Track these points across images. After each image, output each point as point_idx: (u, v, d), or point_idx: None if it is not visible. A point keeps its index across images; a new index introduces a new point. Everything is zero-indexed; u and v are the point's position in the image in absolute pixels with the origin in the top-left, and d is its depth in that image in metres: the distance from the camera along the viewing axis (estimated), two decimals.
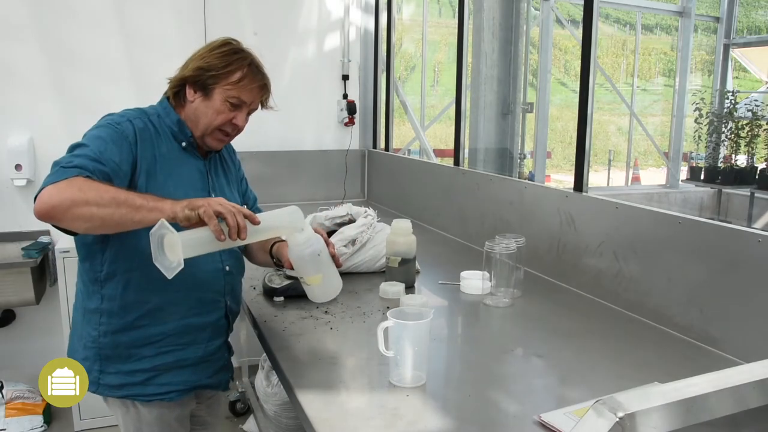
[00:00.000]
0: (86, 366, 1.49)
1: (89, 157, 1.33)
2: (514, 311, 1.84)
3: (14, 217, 3.11)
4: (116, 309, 1.48)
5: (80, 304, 1.55)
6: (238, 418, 3.12)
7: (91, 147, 1.36)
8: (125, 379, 1.50)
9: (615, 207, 1.89)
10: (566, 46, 13.50)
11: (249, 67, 1.53)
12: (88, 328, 1.51)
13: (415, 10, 7.67)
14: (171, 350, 1.52)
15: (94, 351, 1.50)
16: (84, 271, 1.51)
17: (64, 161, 1.32)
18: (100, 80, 3.19)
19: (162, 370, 1.52)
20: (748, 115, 5.86)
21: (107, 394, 1.53)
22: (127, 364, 1.50)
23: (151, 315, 1.49)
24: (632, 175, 8.30)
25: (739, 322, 1.50)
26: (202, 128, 1.54)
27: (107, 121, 1.47)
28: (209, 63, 1.50)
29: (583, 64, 2.02)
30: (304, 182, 3.63)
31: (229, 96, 1.51)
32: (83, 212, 1.24)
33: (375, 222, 2.16)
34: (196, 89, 1.53)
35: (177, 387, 1.55)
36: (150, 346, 1.50)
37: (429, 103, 6.87)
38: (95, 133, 1.42)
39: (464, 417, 1.21)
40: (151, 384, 1.52)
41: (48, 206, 1.23)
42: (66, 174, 1.26)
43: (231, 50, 1.53)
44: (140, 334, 1.49)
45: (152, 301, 1.48)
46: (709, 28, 8.10)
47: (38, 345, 3.14)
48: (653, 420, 0.60)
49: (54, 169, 1.29)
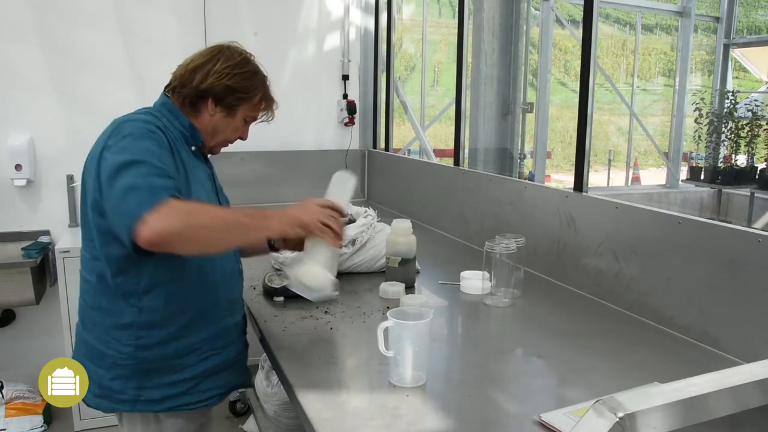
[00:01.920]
0: (117, 386, 1.44)
1: (163, 174, 1.29)
2: (514, 311, 1.84)
3: (14, 217, 3.12)
4: (158, 320, 1.43)
5: (102, 322, 1.45)
6: (238, 418, 3.11)
7: (152, 162, 1.29)
8: (167, 391, 1.46)
9: (615, 207, 1.89)
10: (566, 46, 13.50)
11: (266, 89, 1.59)
12: (118, 345, 1.43)
13: (415, 10, 7.67)
14: (211, 355, 1.51)
15: (129, 368, 1.43)
16: (116, 285, 1.41)
17: (143, 184, 1.24)
18: (100, 80, 3.19)
19: (204, 376, 1.51)
20: (748, 115, 5.87)
21: (147, 410, 1.46)
22: (168, 376, 1.46)
23: (193, 323, 1.47)
24: (632, 175, 8.30)
25: (739, 322, 1.50)
26: (217, 140, 1.59)
27: (141, 130, 1.37)
28: (238, 84, 1.52)
29: (583, 64, 2.02)
30: (304, 182, 3.63)
31: (248, 116, 1.58)
32: (197, 236, 1.26)
33: (375, 222, 2.16)
34: (218, 104, 1.53)
35: (218, 391, 1.55)
36: (192, 355, 1.48)
37: (429, 103, 6.86)
38: (143, 146, 1.32)
39: (464, 417, 1.21)
40: (194, 392, 1.49)
41: (162, 235, 1.20)
42: (158, 197, 1.21)
43: (253, 71, 1.57)
44: (183, 344, 1.46)
45: (194, 309, 1.47)
46: (709, 28, 8.10)
47: (38, 345, 3.14)
48: (653, 420, 0.60)
49: (133, 195, 1.23)
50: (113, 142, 1.34)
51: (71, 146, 3.16)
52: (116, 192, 1.25)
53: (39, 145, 3.11)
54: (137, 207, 1.20)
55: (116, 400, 1.45)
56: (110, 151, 1.32)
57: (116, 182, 1.26)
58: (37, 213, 3.16)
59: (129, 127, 1.37)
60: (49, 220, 3.17)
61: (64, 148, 3.16)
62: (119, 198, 1.24)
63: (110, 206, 1.29)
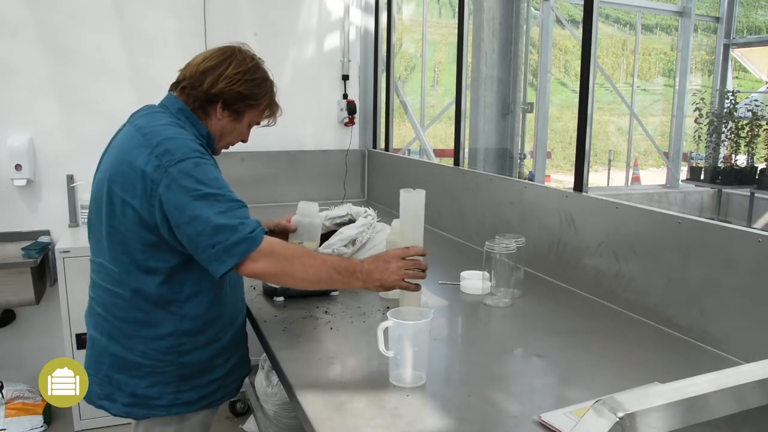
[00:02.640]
0: (154, 393, 1.48)
1: (242, 205, 1.40)
2: (514, 311, 1.84)
3: (14, 217, 3.12)
4: (199, 327, 1.50)
5: (138, 334, 1.47)
6: (238, 418, 3.11)
7: (225, 196, 1.38)
8: (202, 391, 1.55)
9: (615, 207, 1.89)
10: (566, 46, 13.51)
11: (272, 96, 1.63)
12: (158, 354, 1.47)
13: (415, 10, 7.67)
14: (234, 353, 1.63)
15: (168, 374, 1.48)
16: (159, 294, 1.44)
17: (234, 222, 1.34)
18: (100, 80, 3.19)
19: (229, 373, 1.62)
20: (748, 115, 5.87)
21: (183, 411, 1.53)
22: (202, 378, 1.54)
23: (225, 326, 1.57)
24: (632, 175, 8.30)
25: (739, 322, 1.50)
26: (223, 143, 1.63)
27: (195, 154, 1.40)
28: (248, 91, 1.54)
29: (583, 64, 2.02)
30: (304, 182, 3.63)
31: (253, 121, 1.64)
32: (288, 282, 1.46)
33: (375, 222, 2.16)
34: (227, 108, 1.55)
35: (237, 383, 1.67)
36: (222, 355, 1.58)
37: (429, 103, 6.87)
38: (208, 175, 1.38)
39: (464, 417, 1.21)
40: (222, 387, 1.60)
41: (265, 275, 1.42)
42: (258, 237, 1.35)
43: (263, 78, 1.59)
44: (218, 346, 1.56)
45: (226, 313, 1.57)
46: (709, 28, 8.10)
47: (38, 345, 3.14)
48: (653, 420, 0.60)
49: (230, 234, 1.33)
50: (164, 161, 1.36)
51: (71, 146, 3.16)
52: (203, 227, 1.32)
53: (39, 145, 3.11)
54: (241, 248, 1.33)
55: (152, 406, 1.49)
56: (169, 175, 1.35)
57: (198, 214, 1.33)
58: (37, 213, 3.16)
59: (179, 149, 1.39)
60: (49, 220, 3.17)
61: (64, 148, 3.16)
62: (210, 235, 1.32)
63: (193, 235, 1.34)
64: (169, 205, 1.34)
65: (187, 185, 1.34)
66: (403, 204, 1.61)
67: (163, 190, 1.35)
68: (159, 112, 1.53)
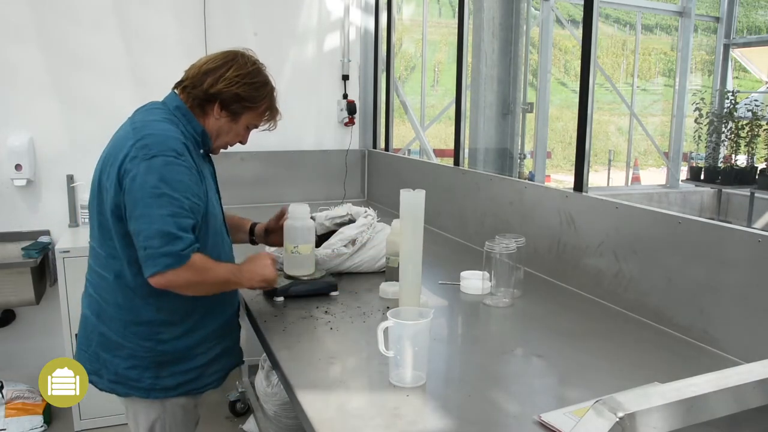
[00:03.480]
0: (134, 375, 1.56)
1: (189, 215, 1.45)
2: (514, 311, 1.84)
3: (14, 217, 3.12)
4: (177, 319, 1.57)
5: (119, 317, 1.55)
6: (238, 418, 3.11)
7: (180, 202, 1.43)
8: (181, 378, 1.60)
9: (615, 207, 1.89)
10: (566, 46, 13.50)
11: (272, 100, 1.67)
12: (137, 339, 1.55)
13: (415, 10, 7.67)
14: (217, 343, 1.67)
15: (147, 360, 1.56)
16: (138, 285, 1.50)
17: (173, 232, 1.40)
18: (100, 80, 3.19)
19: (210, 363, 1.66)
20: (748, 115, 5.86)
21: (162, 396, 1.60)
22: (182, 365, 1.60)
23: (204, 317, 1.62)
24: (632, 175, 8.30)
25: (739, 322, 1.50)
26: (219, 143, 1.67)
27: (171, 153, 1.45)
28: (246, 93, 1.59)
29: (583, 64, 2.02)
30: (304, 182, 3.63)
31: (251, 123, 1.68)
32: (196, 290, 1.51)
33: (375, 222, 2.16)
34: (224, 109, 1.60)
35: (220, 374, 1.71)
36: (202, 346, 1.63)
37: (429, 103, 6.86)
38: (174, 176, 1.44)
39: (464, 417, 1.21)
40: (202, 377, 1.65)
41: (173, 287, 1.45)
42: (186, 257, 1.42)
43: (263, 82, 1.64)
44: (196, 337, 1.61)
45: (204, 306, 1.61)
46: (709, 28, 8.10)
47: (38, 345, 3.14)
48: (653, 420, 0.60)
49: (163, 243, 1.39)
50: (140, 154, 1.43)
51: (71, 146, 3.16)
52: (146, 226, 1.40)
53: (39, 145, 3.11)
54: (166, 261, 1.40)
55: (132, 387, 1.58)
56: (138, 167, 1.42)
57: (146, 212, 1.40)
58: (37, 213, 3.16)
59: (157, 144, 1.45)
60: (49, 220, 3.17)
61: (64, 148, 3.16)
62: (148, 237, 1.40)
63: (136, 231, 1.43)
64: (128, 195, 1.42)
65: (149, 180, 1.41)
66: (403, 204, 1.61)
67: (129, 180, 1.42)
68: (157, 108, 1.60)
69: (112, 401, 1.68)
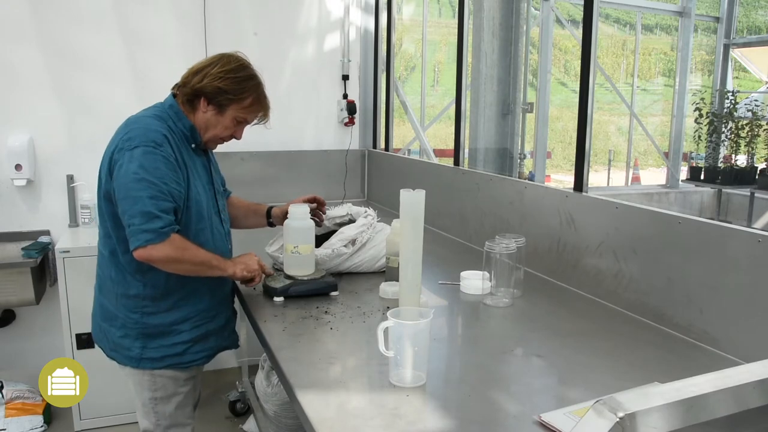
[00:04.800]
0: (126, 343, 1.73)
1: (165, 200, 1.59)
2: (514, 311, 1.84)
3: (14, 217, 3.12)
4: (159, 294, 1.71)
5: (113, 290, 1.74)
6: (238, 418, 3.11)
7: (158, 186, 1.58)
8: (166, 351, 1.74)
9: (615, 207, 1.89)
10: (566, 46, 13.50)
11: (259, 94, 1.76)
12: (126, 311, 1.72)
13: (415, 10, 7.67)
14: (202, 323, 1.79)
15: (136, 330, 1.72)
16: (126, 262, 1.68)
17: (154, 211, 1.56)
18: (100, 80, 3.19)
19: (196, 341, 1.78)
20: (748, 115, 5.86)
21: (149, 367, 1.74)
22: (167, 339, 1.74)
23: (188, 296, 1.75)
24: (632, 175, 8.29)
25: (739, 322, 1.50)
26: (208, 136, 1.77)
27: (150, 143, 1.61)
28: (228, 87, 1.70)
29: (583, 64, 2.02)
30: (304, 182, 3.63)
31: (239, 116, 1.76)
32: (177, 268, 1.64)
33: (375, 222, 2.16)
34: (210, 103, 1.73)
35: (207, 353, 1.83)
36: (187, 323, 1.76)
37: (429, 103, 6.86)
38: (152, 164, 1.59)
39: (464, 417, 1.21)
40: (187, 353, 1.77)
41: (153, 260, 1.59)
42: (164, 234, 1.57)
43: (247, 76, 1.74)
44: (180, 314, 1.74)
45: (190, 285, 1.74)
46: (709, 28, 8.10)
47: (38, 345, 3.14)
48: (653, 420, 0.60)
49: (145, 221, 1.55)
50: (125, 146, 1.60)
51: (71, 146, 3.16)
52: (130, 207, 1.57)
53: (39, 145, 3.11)
54: (146, 236, 1.55)
55: (125, 356, 1.74)
56: (123, 157, 1.59)
57: (129, 195, 1.57)
58: (37, 213, 3.16)
59: (138, 137, 1.62)
60: (49, 220, 3.17)
61: (64, 148, 3.16)
62: (132, 216, 1.56)
63: (122, 211, 1.59)
64: (116, 182, 1.60)
65: (131, 168, 1.58)
66: (403, 204, 1.61)
67: (116, 169, 1.60)
68: (152, 107, 1.76)
69: (112, 401, 1.70)
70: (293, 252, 1.88)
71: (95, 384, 2.07)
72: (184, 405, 1.85)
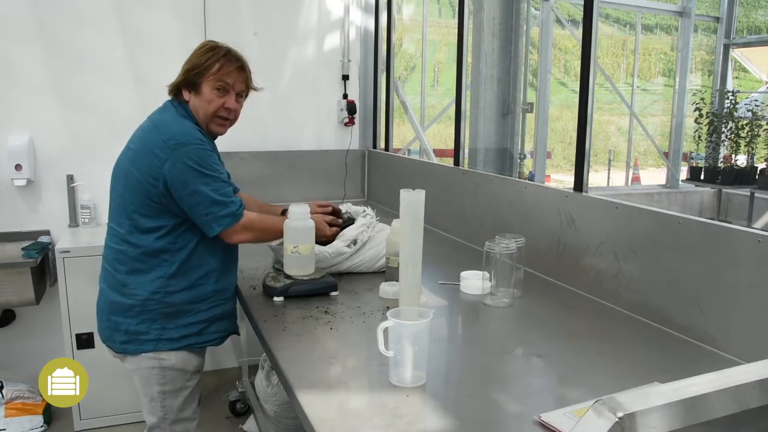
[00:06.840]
0: (142, 328, 1.77)
1: (226, 186, 1.78)
2: (514, 311, 1.84)
3: (14, 217, 3.12)
4: (183, 271, 1.78)
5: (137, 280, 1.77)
6: (238, 418, 3.11)
7: (217, 177, 1.74)
8: (184, 331, 1.81)
9: (615, 207, 1.89)
10: (566, 46, 13.51)
11: (225, 56, 1.80)
12: (148, 294, 1.76)
13: (415, 10, 7.67)
14: (218, 304, 1.87)
15: (155, 312, 1.77)
16: (158, 246, 1.75)
17: (223, 200, 1.74)
18: (101, 80, 3.19)
19: (211, 321, 1.86)
20: (748, 115, 5.87)
21: (168, 348, 1.79)
22: (186, 318, 1.80)
23: (207, 275, 1.82)
24: (632, 175, 8.30)
25: (739, 322, 1.50)
26: (203, 118, 1.83)
27: (196, 141, 1.73)
28: (192, 63, 1.80)
29: (583, 64, 2.02)
30: (304, 182, 3.63)
31: (215, 85, 1.79)
32: (257, 237, 1.86)
33: (374, 221, 2.16)
34: (189, 89, 1.81)
35: (220, 334, 1.91)
36: (205, 302, 1.83)
37: (429, 103, 6.87)
38: (207, 159, 1.73)
39: (464, 417, 1.21)
40: (204, 333, 1.85)
41: (238, 239, 1.80)
42: (240, 214, 1.77)
43: (208, 48, 1.81)
44: (199, 291, 1.81)
45: (210, 264, 1.82)
46: (709, 28, 8.11)
47: (38, 345, 3.14)
48: (653, 420, 0.60)
49: (219, 209, 1.72)
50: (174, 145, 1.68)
51: (71, 146, 3.16)
52: (201, 199, 1.70)
53: (39, 145, 3.11)
54: (226, 221, 1.74)
55: (141, 341, 1.77)
56: (177, 156, 1.68)
57: (197, 189, 1.69)
58: (37, 213, 3.16)
59: (184, 136, 1.72)
60: (49, 220, 3.17)
61: (64, 148, 3.16)
62: (207, 206, 1.71)
63: (193, 204, 1.71)
64: (174, 179, 1.68)
65: (190, 165, 1.69)
66: (403, 204, 1.61)
67: (168, 167, 1.68)
68: (166, 110, 1.84)
69: (112, 401, 1.70)
70: (293, 252, 1.88)
71: (95, 384, 2.08)
72: (191, 400, 1.88)
